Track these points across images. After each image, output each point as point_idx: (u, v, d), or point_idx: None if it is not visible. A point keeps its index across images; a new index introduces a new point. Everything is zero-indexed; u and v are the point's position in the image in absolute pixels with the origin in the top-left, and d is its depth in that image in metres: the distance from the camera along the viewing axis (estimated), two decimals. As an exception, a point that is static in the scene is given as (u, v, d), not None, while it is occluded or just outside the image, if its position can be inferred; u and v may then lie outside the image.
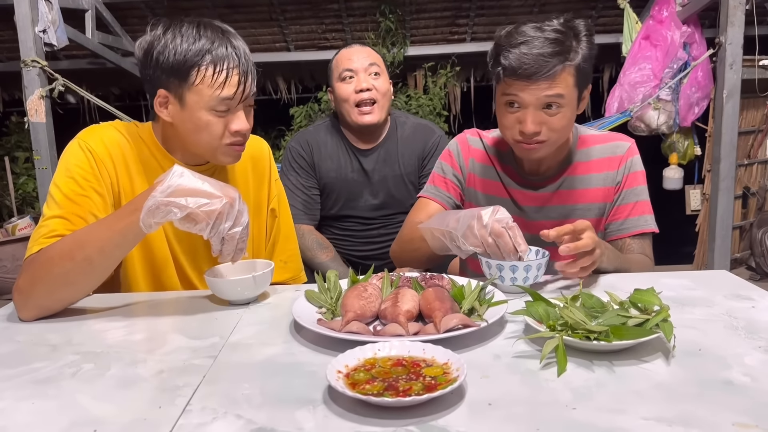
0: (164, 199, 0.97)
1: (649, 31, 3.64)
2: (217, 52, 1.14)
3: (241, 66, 1.16)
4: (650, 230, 1.42)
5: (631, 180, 1.43)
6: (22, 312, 1.07)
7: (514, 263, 1.10)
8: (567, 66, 1.23)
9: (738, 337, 0.89)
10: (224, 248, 1.04)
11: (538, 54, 1.20)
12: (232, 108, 1.18)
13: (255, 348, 0.91)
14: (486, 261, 1.13)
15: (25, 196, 4.87)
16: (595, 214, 1.43)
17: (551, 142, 1.30)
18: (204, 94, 1.15)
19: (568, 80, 1.24)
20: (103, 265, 1.08)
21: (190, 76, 1.14)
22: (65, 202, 1.15)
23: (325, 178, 2.09)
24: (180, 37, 1.14)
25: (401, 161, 2.08)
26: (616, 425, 0.65)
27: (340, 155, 2.08)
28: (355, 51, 2.02)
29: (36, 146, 3.12)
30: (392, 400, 0.67)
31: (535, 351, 0.86)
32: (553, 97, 1.24)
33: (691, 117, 3.71)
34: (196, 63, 1.13)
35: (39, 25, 3.03)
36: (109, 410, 0.73)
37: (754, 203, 4.16)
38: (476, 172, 1.51)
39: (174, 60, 1.13)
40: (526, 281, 1.11)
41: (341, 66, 2.00)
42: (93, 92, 3.87)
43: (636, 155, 1.45)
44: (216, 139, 1.19)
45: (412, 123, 2.15)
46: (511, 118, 1.30)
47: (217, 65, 1.14)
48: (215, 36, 1.15)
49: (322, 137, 2.10)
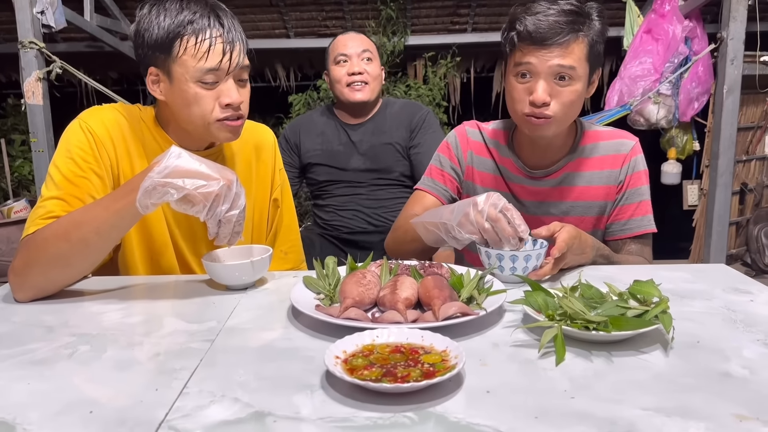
0: (161, 180, 0.96)
1: (651, 25, 3.62)
2: (199, 23, 1.13)
3: (226, 35, 1.15)
4: (651, 230, 1.42)
5: (635, 180, 1.42)
6: (17, 293, 1.07)
7: (513, 253, 1.09)
8: (581, 36, 1.24)
9: (736, 330, 0.89)
10: (221, 231, 1.03)
11: (554, 21, 1.21)
12: (220, 79, 1.17)
13: (252, 333, 0.91)
14: (485, 251, 1.12)
15: (21, 179, 4.84)
16: (596, 212, 1.42)
17: (559, 118, 1.28)
18: (188, 65, 1.14)
19: (581, 52, 1.24)
20: (99, 246, 1.07)
21: (173, 49, 1.14)
22: (64, 183, 1.14)
23: (310, 152, 2.24)
24: (164, 12, 1.14)
25: (389, 132, 2.20)
26: (614, 415, 0.65)
27: (327, 131, 2.24)
28: (350, 38, 2.18)
29: (33, 129, 3.10)
30: (390, 386, 0.67)
31: (533, 340, 0.85)
32: (566, 68, 1.24)
33: (691, 112, 3.70)
34: (178, 34, 1.13)
35: (37, 7, 3.00)
36: (105, 392, 0.72)
37: (752, 199, 4.17)
38: (475, 165, 1.50)
39: (158, 34, 1.14)
40: (526, 271, 1.10)
41: (336, 50, 2.17)
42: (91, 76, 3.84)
43: (639, 154, 1.44)
44: (207, 113, 1.18)
45: (401, 102, 2.33)
46: (521, 90, 1.28)
47: (198, 35, 1.13)
48: (198, 8, 1.15)
49: (314, 118, 2.31)
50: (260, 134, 1.44)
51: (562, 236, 1.14)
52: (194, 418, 0.65)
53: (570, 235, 1.15)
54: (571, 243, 1.15)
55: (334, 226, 2.24)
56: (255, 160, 1.41)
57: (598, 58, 1.30)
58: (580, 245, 1.19)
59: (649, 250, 1.44)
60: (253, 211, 1.40)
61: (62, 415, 0.67)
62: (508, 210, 1.11)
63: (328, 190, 2.25)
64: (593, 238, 1.26)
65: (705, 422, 0.63)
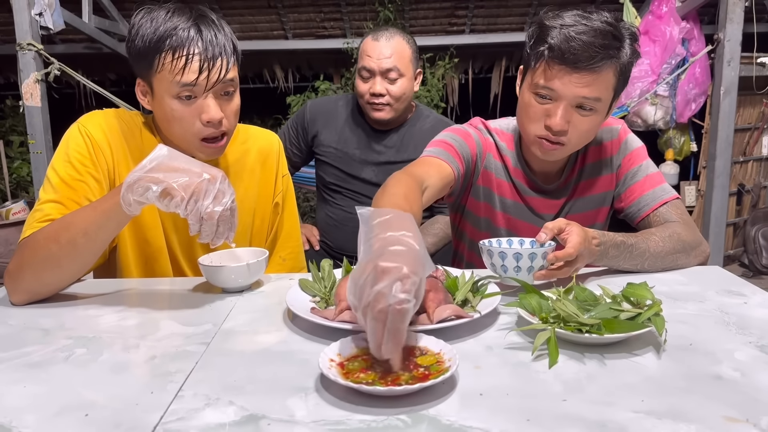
0: (143, 175, 0.94)
1: (648, 26, 3.63)
2: (178, 37, 1.10)
3: (206, 52, 1.11)
4: (671, 198, 1.32)
5: (632, 159, 1.37)
6: (12, 296, 1.07)
7: (517, 250, 1.04)
8: (614, 63, 1.15)
9: (729, 333, 0.90)
10: (203, 228, 0.97)
11: (589, 42, 1.12)
12: (199, 95, 1.14)
13: (248, 335, 0.92)
14: (487, 249, 1.07)
15: (20, 181, 4.85)
16: (594, 206, 1.40)
17: (572, 146, 1.24)
18: (166, 80, 1.12)
19: (609, 81, 1.17)
20: (88, 248, 1.05)
21: (153, 63, 1.12)
22: (61, 186, 1.15)
23: (323, 146, 2.08)
24: (150, 22, 1.12)
25: (414, 150, 2.01)
26: (606, 418, 0.65)
27: (347, 130, 2.07)
28: (378, 48, 1.92)
29: (31, 130, 3.11)
30: (384, 389, 0.67)
31: (527, 343, 0.86)
32: (590, 100, 1.17)
33: (688, 113, 3.71)
34: (157, 48, 1.11)
35: (35, 8, 3.00)
36: (101, 395, 0.73)
37: (749, 200, 4.18)
38: (492, 170, 1.39)
39: (141, 46, 1.12)
40: (531, 271, 1.05)
41: (362, 60, 1.96)
42: (89, 77, 3.85)
43: (629, 134, 1.39)
44: (188, 130, 1.16)
45: (434, 119, 2.12)
46: (538, 110, 1.21)
47: (176, 51, 1.10)
48: (182, 20, 1.11)
49: (339, 109, 2.11)
50: (266, 140, 1.43)
51: (573, 242, 1.04)
52: (189, 421, 0.66)
53: (581, 238, 1.05)
54: (582, 249, 1.05)
55: (330, 243, 2.13)
56: (260, 167, 1.40)
57: (624, 85, 1.23)
58: (588, 247, 1.08)
59: (679, 212, 1.31)
60: (254, 216, 1.40)
61: (58, 418, 0.67)
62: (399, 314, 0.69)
63: (332, 196, 2.11)
64: (596, 231, 1.13)
65: (695, 424, 0.63)
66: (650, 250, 1.18)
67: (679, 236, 1.23)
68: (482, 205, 1.43)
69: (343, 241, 2.09)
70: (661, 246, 1.19)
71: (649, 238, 1.20)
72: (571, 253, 1.03)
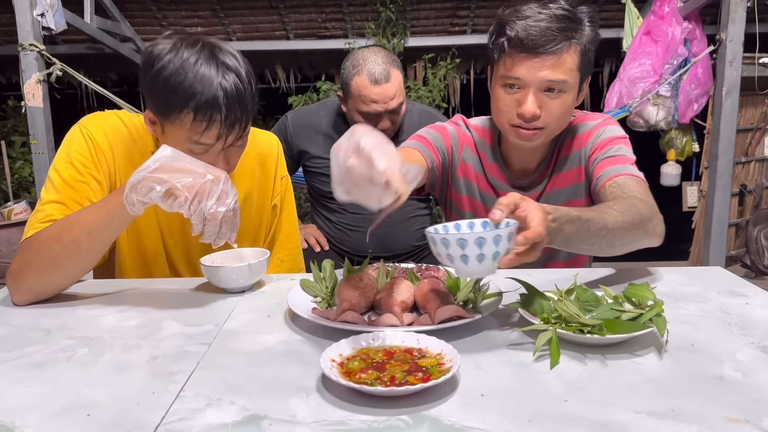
0: (147, 175, 0.95)
1: (650, 26, 3.63)
2: (200, 99, 1.04)
3: (227, 120, 1.07)
4: (630, 174, 1.22)
5: (603, 144, 1.31)
6: (14, 296, 1.07)
7: (480, 235, 0.79)
8: (573, 44, 1.18)
9: (731, 334, 0.89)
10: (206, 229, 0.98)
11: (546, 27, 1.16)
12: (210, 149, 1.11)
13: (249, 336, 0.92)
14: (442, 238, 0.81)
15: (21, 181, 4.85)
16: (563, 200, 1.37)
17: (549, 130, 1.25)
18: (181, 133, 1.08)
19: (572, 62, 1.19)
20: (91, 248, 1.06)
21: (172, 113, 1.06)
22: (63, 187, 1.15)
23: (314, 158, 2.06)
24: (174, 64, 1.04)
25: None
26: (608, 418, 0.65)
27: (335, 137, 1.99)
28: (382, 92, 1.85)
29: (33, 131, 3.11)
30: (385, 390, 0.67)
31: (528, 343, 0.86)
32: (556, 83, 1.19)
33: (690, 113, 3.71)
34: (179, 104, 1.05)
35: (37, 9, 3.01)
36: (103, 395, 0.73)
37: (751, 201, 4.17)
38: (469, 162, 1.43)
39: (163, 89, 1.05)
40: (497, 257, 0.81)
41: (364, 105, 1.88)
42: (91, 78, 3.85)
43: (609, 125, 1.35)
44: None
45: (418, 110, 2.13)
46: (508, 101, 1.23)
47: (198, 114, 1.05)
48: (206, 82, 1.04)
49: (321, 119, 2.08)
50: (265, 142, 1.43)
51: (537, 218, 0.84)
52: (191, 422, 0.66)
53: (543, 213, 0.86)
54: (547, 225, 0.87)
55: (346, 248, 2.12)
56: (259, 169, 1.40)
57: (589, 66, 1.25)
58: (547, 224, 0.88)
59: (641, 189, 1.19)
60: (253, 218, 1.41)
61: (60, 418, 0.67)
62: None
63: (336, 203, 2.06)
64: (549, 206, 0.92)
65: (697, 425, 0.63)
66: (608, 226, 1.02)
67: (638, 209, 1.10)
68: (465, 198, 1.45)
69: (363, 242, 2.08)
70: (620, 221, 1.05)
71: (607, 212, 1.05)
72: (540, 232, 0.83)
